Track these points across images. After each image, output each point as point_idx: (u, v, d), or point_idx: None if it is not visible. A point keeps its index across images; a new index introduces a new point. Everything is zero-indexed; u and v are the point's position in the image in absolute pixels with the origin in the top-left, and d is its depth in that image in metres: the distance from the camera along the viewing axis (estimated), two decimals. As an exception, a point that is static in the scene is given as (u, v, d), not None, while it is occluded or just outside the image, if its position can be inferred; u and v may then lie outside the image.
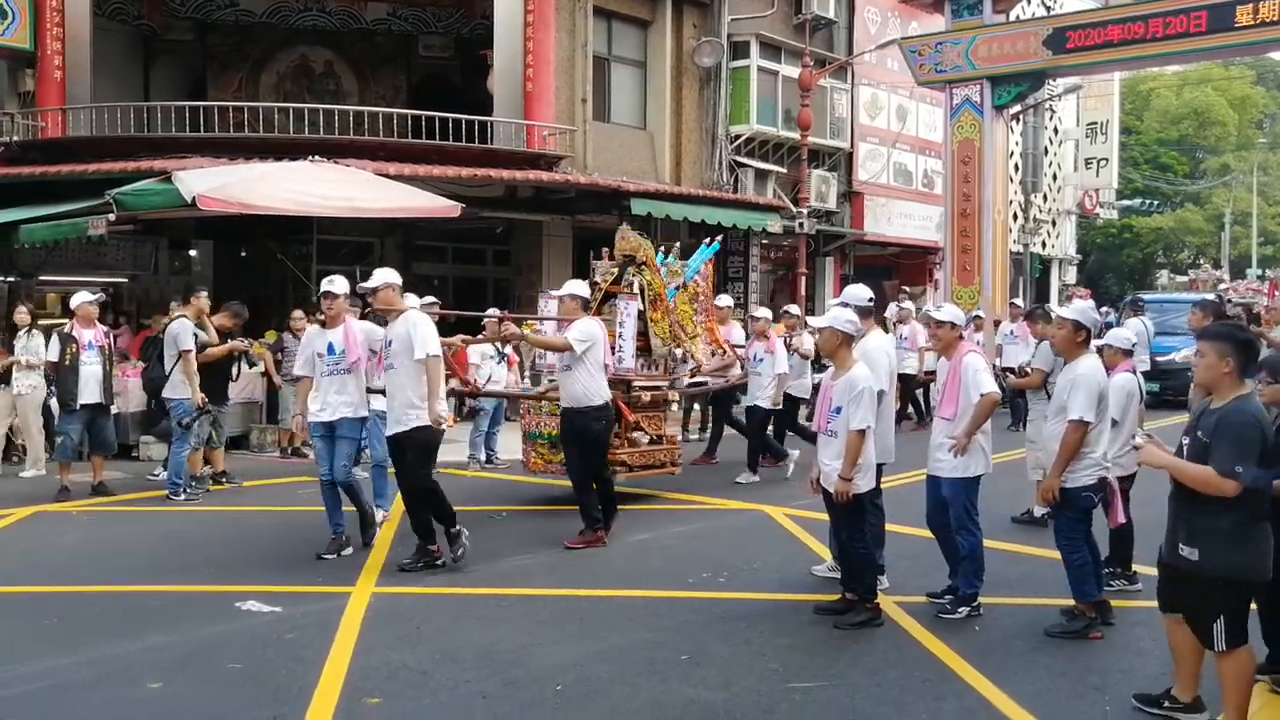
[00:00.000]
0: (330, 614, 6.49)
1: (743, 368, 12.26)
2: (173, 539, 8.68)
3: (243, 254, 17.72)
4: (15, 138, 15.66)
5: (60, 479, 10.39)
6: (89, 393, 10.33)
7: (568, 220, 18.17)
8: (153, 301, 16.85)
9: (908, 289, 24.05)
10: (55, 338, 10.49)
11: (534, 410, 10.34)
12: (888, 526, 7.31)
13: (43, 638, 6.08)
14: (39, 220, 12.96)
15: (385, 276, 7.75)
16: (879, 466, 6.82)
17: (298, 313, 12.83)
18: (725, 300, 12.97)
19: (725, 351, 12.10)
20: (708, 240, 11.68)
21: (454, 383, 10.00)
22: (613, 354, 9.46)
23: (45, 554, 8.13)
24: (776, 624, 6.49)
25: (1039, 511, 8.52)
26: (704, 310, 11.26)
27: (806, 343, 12.58)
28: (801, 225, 19.96)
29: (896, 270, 26.27)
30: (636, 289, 9.90)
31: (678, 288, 10.58)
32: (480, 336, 10.81)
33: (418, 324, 7.56)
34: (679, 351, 10.61)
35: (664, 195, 17.49)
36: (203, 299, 10.85)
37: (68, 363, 10.28)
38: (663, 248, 10.83)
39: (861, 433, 6.29)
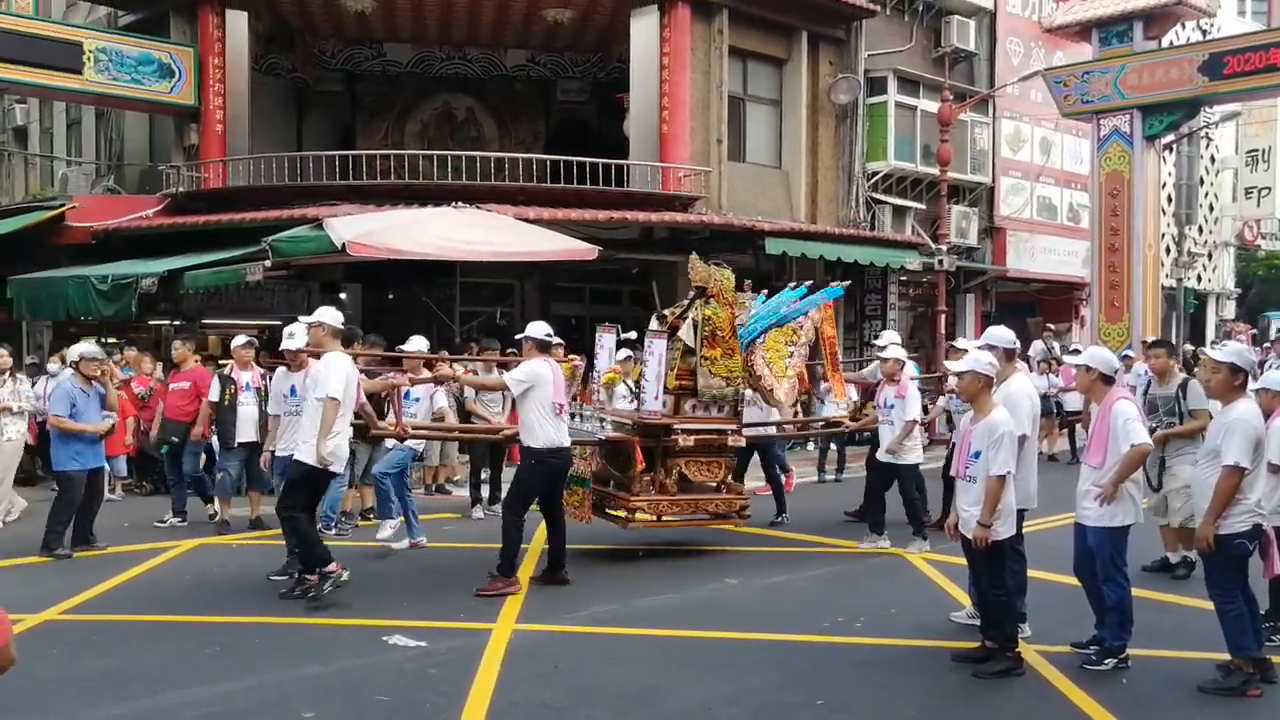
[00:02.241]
0: (472, 650, 6.65)
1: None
2: (323, 573, 8.99)
3: (390, 296, 18.32)
4: (181, 188, 16.62)
5: (220, 513, 10.90)
6: (246, 432, 10.81)
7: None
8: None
9: (1052, 326, 23.51)
10: (216, 379, 11.03)
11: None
12: (1031, 572, 7.14)
13: (207, 665, 6.39)
14: (202, 267, 13.70)
15: (321, 316, 7.86)
16: (1020, 512, 6.69)
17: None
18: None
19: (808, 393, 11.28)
20: (834, 281, 11.24)
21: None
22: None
23: (208, 585, 8.51)
24: (913, 670, 6.41)
25: (1192, 556, 8.21)
26: (800, 353, 10.53)
27: None
28: (941, 262, 19.69)
29: (1040, 307, 25.61)
30: (690, 323, 9.39)
31: (766, 324, 10.11)
32: (408, 376, 9.69)
33: (329, 364, 7.58)
34: (747, 392, 9.96)
35: (799, 234, 17.49)
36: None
37: (227, 403, 10.79)
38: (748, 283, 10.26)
39: (1001, 478, 6.19)
